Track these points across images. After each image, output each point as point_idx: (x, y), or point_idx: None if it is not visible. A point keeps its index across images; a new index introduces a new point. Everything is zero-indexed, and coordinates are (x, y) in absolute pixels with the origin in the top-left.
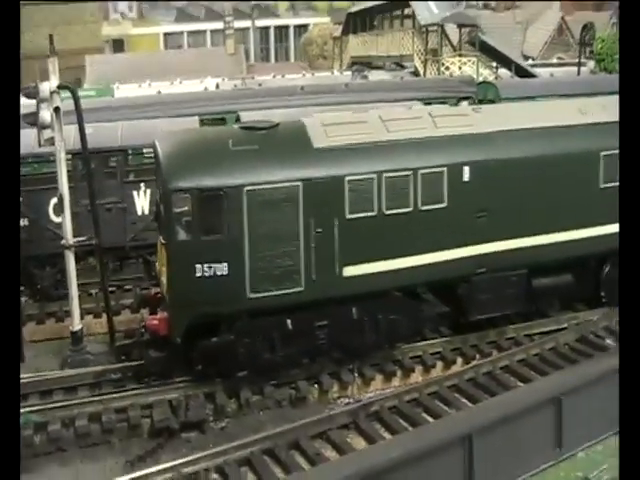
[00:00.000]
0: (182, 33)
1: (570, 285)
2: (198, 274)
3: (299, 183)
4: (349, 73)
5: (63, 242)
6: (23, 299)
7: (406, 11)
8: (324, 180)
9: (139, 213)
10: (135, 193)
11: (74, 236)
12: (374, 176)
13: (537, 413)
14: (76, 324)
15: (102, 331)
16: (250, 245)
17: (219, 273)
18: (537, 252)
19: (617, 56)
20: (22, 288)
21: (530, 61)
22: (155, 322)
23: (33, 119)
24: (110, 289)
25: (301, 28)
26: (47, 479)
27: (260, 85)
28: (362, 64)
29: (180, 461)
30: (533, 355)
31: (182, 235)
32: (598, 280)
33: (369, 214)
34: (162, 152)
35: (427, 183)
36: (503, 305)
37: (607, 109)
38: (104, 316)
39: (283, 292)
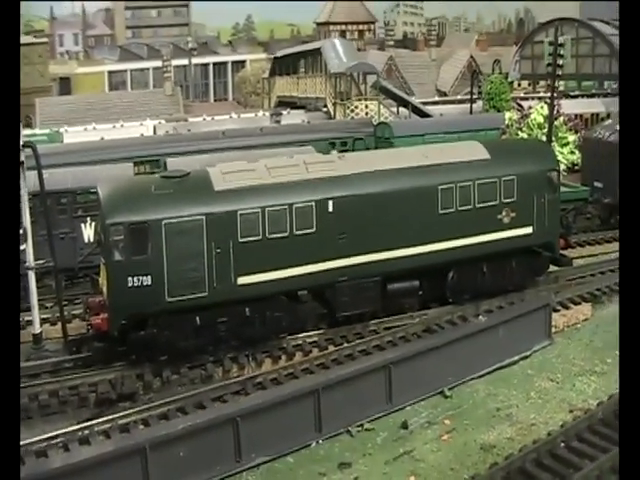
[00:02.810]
0: (125, 71)
1: (418, 289)
2: (129, 284)
3: (203, 217)
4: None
5: (27, 264)
6: None
7: (321, 58)
8: (222, 214)
9: (86, 241)
10: (82, 225)
11: (34, 260)
12: (259, 210)
13: (371, 377)
14: (37, 328)
15: (57, 336)
16: (168, 262)
17: (145, 283)
18: (387, 264)
19: (504, 95)
20: None
21: (436, 97)
22: (98, 321)
23: None
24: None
25: (239, 64)
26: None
27: (189, 130)
28: (287, 103)
29: (117, 415)
30: (386, 342)
31: (117, 256)
32: (444, 285)
33: (256, 238)
34: (102, 195)
35: (300, 214)
36: (361, 305)
37: (445, 153)
38: (59, 324)
39: (192, 296)
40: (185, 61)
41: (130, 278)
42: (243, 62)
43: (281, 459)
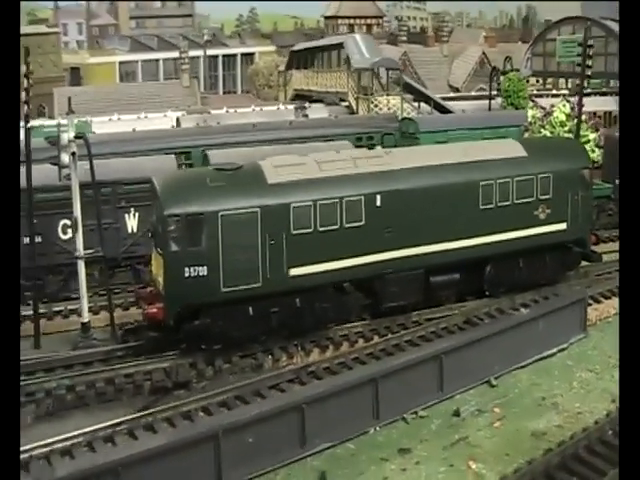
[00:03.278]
0: (137, 62)
1: (458, 281)
2: (186, 275)
3: (258, 209)
4: (292, 107)
5: (77, 254)
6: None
7: (342, 53)
8: (275, 207)
9: (129, 231)
10: (126, 215)
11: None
12: (311, 203)
13: (424, 366)
14: (85, 317)
15: (99, 325)
16: (223, 253)
17: (201, 274)
18: (431, 257)
19: (522, 92)
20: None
21: (451, 94)
22: (154, 310)
23: (55, 160)
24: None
25: (247, 56)
26: (75, 422)
27: (218, 123)
28: (304, 96)
29: (177, 403)
30: (430, 332)
31: (174, 247)
32: (482, 278)
33: (308, 230)
34: (159, 186)
35: (350, 208)
36: (406, 296)
37: (485, 150)
38: (101, 313)
39: (246, 287)
40: (194, 52)
41: (187, 268)
42: (252, 54)
43: (342, 445)
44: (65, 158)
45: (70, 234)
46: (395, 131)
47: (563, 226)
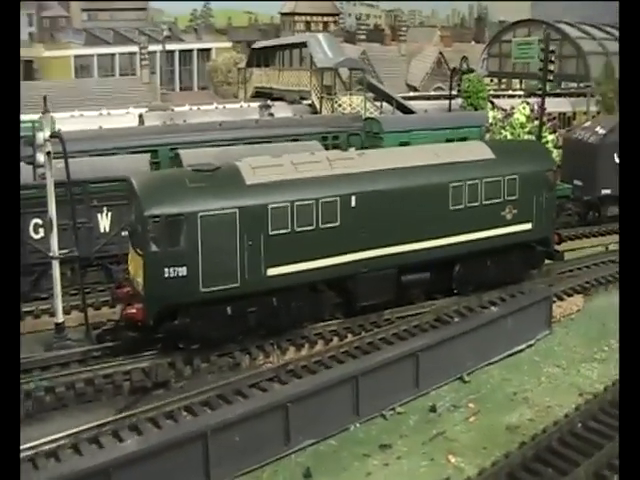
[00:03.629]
0: (92, 56)
1: (428, 280)
2: (166, 275)
3: (236, 210)
4: (255, 104)
5: (51, 254)
6: None
7: (304, 51)
8: (254, 207)
9: (102, 231)
10: (99, 215)
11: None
12: (289, 204)
13: (401, 364)
14: (60, 317)
15: (71, 324)
16: (202, 254)
17: (180, 274)
18: (404, 256)
19: (482, 93)
20: None
21: (411, 93)
22: (133, 311)
23: (31, 160)
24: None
25: (203, 52)
26: (58, 424)
27: (185, 121)
28: (264, 94)
29: (159, 403)
30: (403, 330)
31: (154, 247)
32: (451, 277)
33: (285, 231)
34: (138, 186)
35: (326, 209)
36: (380, 295)
37: (454, 152)
38: (72, 312)
39: (225, 287)
40: (151, 47)
41: (166, 269)
42: (208, 50)
43: (325, 442)
44: (41, 157)
45: (42, 233)
46: (361, 131)
47: (529, 226)
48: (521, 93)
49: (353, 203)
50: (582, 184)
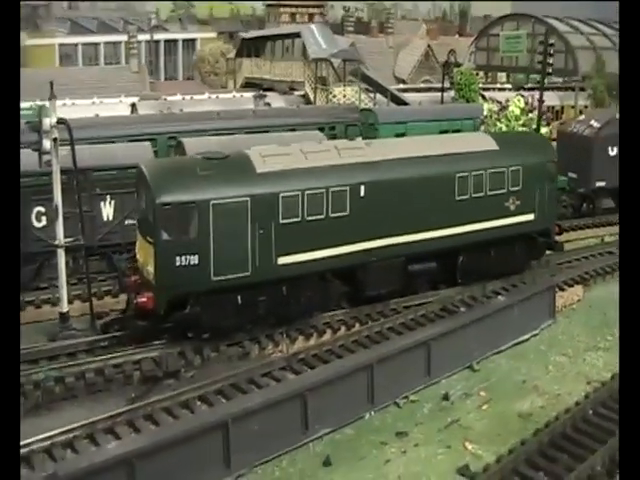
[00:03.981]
0: (77, 45)
1: (434, 269)
2: (177, 263)
3: (248, 198)
4: (248, 95)
5: (56, 242)
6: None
7: (297, 42)
8: (265, 196)
9: (105, 219)
10: (102, 203)
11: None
12: (299, 192)
13: (414, 352)
14: (65, 306)
15: (74, 314)
16: (214, 242)
17: (192, 263)
18: (411, 246)
19: (473, 86)
20: None
21: (401, 85)
22: (143, 299)
23: (37, 146)
24: (81, 280)
25: (188, 42)
26: (70, 414)
27: (181, 110)
28: (254, 85)
29: (174, 392)
30: (409, 319)
31: (165, 235)
32: (455, 266)
33: (295, 219)
34: (149, 174)
35: (336, 198)
36: (388, 284)
37: (459, 143)
38: (75, 302)
39: (236, 275)
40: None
41: (178, 257)
42: (194, 40)
43: (341, 430)
44: (47, 144)
45: (44, 222)
46: (359, 122)
47: (531, 217)
48: (509, 86)
49: (362, 192)
50: (577, 176)
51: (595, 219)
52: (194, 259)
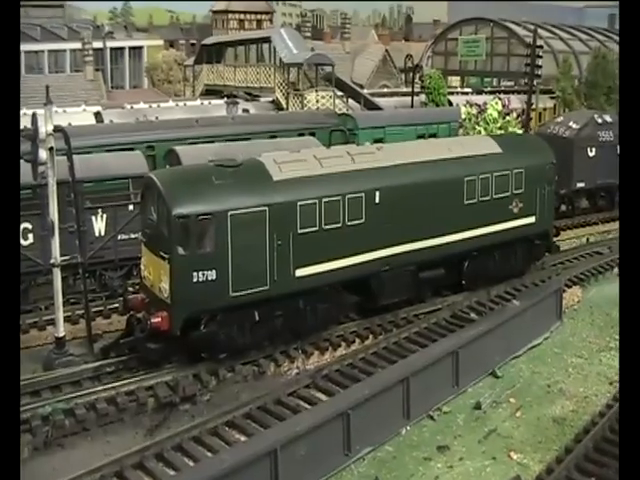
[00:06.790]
0: (43, 52)
1: (442, 276)
2: (194, 280)
3: (266, 207)
4: (217, 102)
5: (52, 261)
6: None
7: (264, 47)
8: (283, 205)
9: (96, 235)
10: (93, 218)
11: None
12: (316, 200)
13: (443, 362)
14: (60, 331)
15: (68, 337)
16: (232, 255)
17: (210, 278)
18: (424, 252)
19: (442, 90)
20: None
21: (365, 91)
22: (158, 320)
23: (31, 157)
24: (72, 301)
25: (135, 50)
26: (84, 451)
27: (157, 118)
28: (215, 92)
29: (199, 420)
30: (423, 328)
31: (182, 250)
32: (461, 272)
33: (313, 229)
34: (161, 185)
35: (352, 205)
36: (401, 293)
37: (465, 146)
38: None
39: (254, 290)
40: (75, 45)
41: (195, 273)
42: (140, 48)
43: (381, 448)
44: (43, 154)
45: (31, 239)
46: (343, 127)
47: (532, 219)
48: (469, 90)
49: (377, 199)
50: (558, 178)
51: (574, 220)
52: (212, 274)
